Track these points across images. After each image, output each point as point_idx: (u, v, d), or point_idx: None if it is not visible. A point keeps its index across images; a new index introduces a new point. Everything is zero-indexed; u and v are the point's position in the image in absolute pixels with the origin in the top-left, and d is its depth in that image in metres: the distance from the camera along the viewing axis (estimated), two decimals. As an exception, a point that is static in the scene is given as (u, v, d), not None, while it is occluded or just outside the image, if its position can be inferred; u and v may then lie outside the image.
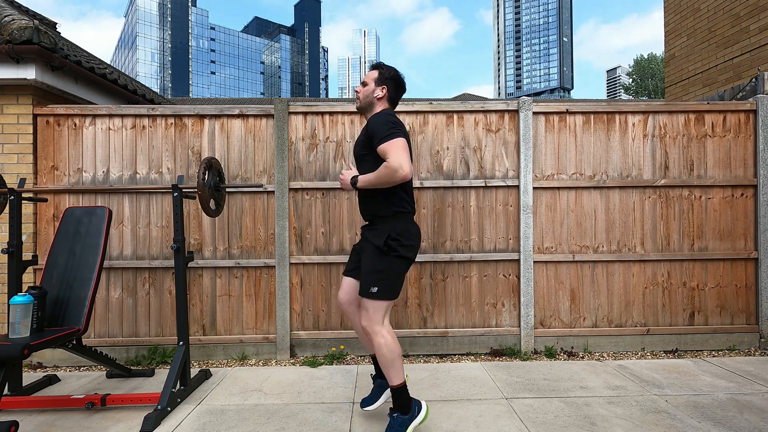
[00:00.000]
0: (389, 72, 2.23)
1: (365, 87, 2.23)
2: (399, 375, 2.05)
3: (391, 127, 2.01)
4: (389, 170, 1.95)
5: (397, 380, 2.05)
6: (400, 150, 1.96)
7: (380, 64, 2.27)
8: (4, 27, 3.22)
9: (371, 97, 2.21)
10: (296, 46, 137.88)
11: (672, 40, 7.19)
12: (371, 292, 2.06)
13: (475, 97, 13.46)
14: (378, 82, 2.21)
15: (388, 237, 2.07)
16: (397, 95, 2.26)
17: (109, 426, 2.35)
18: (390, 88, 2.21)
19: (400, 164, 1.93)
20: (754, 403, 2.53)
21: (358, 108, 2.27)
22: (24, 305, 2.33)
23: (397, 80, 2.23)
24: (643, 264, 3.53)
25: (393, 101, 2.26)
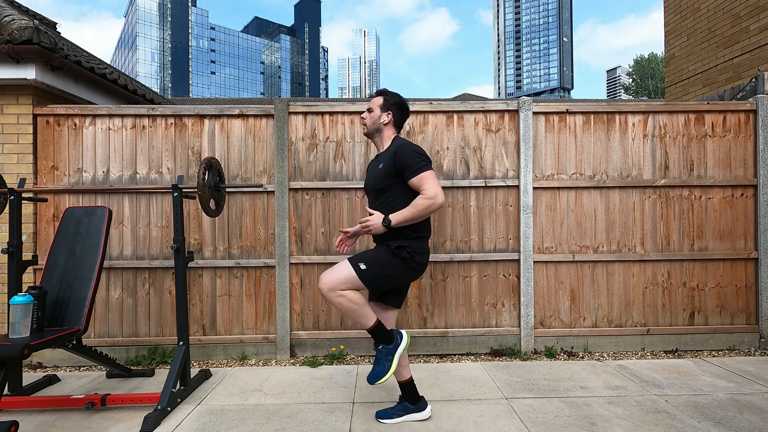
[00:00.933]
0: (393, 98, 2.35)
1: (371, 113, 2.34)
2: (371, 319, 2.13)
3: (421, 159, 2.14)
4: (427, 201, 2.08)
5: (370, 323, 2.13)
6: (433, 181, 2.11)
7: (384, 91, 2.38)
8: (4, 27, 3.22)
9: (378, 123, 2.32)
10: (296, 46, 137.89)
11: (672, 40, 7.19)
12: (359, 265, 2.11)
13: (475, 97, 13.46)
14: (383, 108, 2.32)
15: (401, 246, 2.15)
16: (402, 119, 2.39)
17: (109, 426, 2.35)
18: (395, 113, 2.34)
19: (436, 194, 2.08)
20: (754, 403, 2.53)
21: (366, 134, 2.38)
22: (24, 305, 2.33)
23: (401, 105, 2.36)
24: (643, 264, 3.53)
25: (398, 125, 2.38)
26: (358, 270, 2.10)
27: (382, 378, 2.13)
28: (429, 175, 2.11)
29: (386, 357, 2.17)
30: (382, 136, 2.33)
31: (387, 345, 2.18)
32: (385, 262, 2.14)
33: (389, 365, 2.15)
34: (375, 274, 2.12)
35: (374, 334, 2.17)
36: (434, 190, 2.08)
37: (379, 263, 2.13)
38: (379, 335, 2.17)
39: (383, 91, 2.38)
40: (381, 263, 2.13)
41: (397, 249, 2.14)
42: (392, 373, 2.16)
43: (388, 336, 2.19)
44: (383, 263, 2.14)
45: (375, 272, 2.12)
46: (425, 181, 2.10)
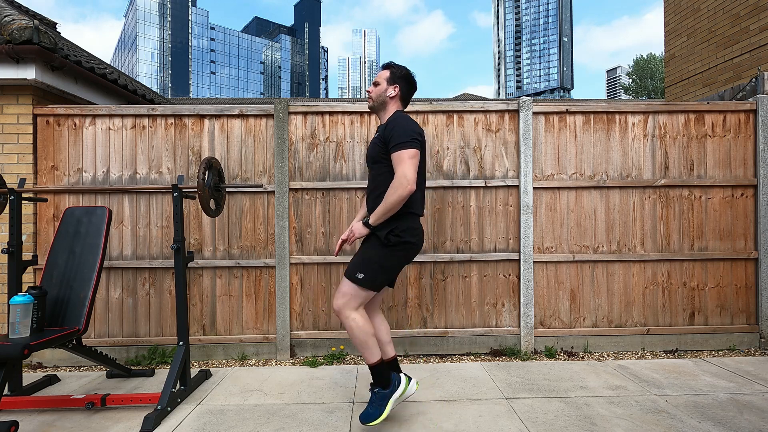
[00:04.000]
0: (401, 71, 2.27)
1: (377, 87, 2.26)
2: (374, 353, 2.10)
3: (407, 136, 2.05)
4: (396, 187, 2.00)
5: (373, 358, 2.11)
6: (407, 163, 2.01)
7: (391, 64, 2.30)
8: (4, 27, 3.22)
9: (384, 96, 2.24)
10: (296, 46, 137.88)
11: (672, 40, 7.19)
12: (356, 276, 2.09)
13: (474, 97, 13.46)
14: (390, 81, 2.25)
15: (390, 231, 2.09)
16: (408, 94, 2.31)
17: (109, 426, 2.35)
18: (402, 86, 2.26)
19: (404, 179, 1.99)
20: (754, 403, 2.53)
21: (371, 107, 2.30)
22: (24, 305, 2.33)
23: (408, 79, 2.28)
24: (643, 264, 3.53)
25: (405, 100, 2.30)
26: (357, 281, 2.08)
27: (374, 421, 2.06)
28: (406, 155, 2.01)
29: (380, 401, 2.10)
30: (386, 110, 2.25)
31: (383, 389, 2.12)
32: (378, 257, 2.11)
33: (381, 411, 2.08)
34: (374, 276, 2.10)
35: (374, 371, 2.13)
36: (404, 175, 1.98)
37: (372, 261, 2.11)
38: (378, 375, 2.12)
39: (390, 64, 2.30)
40: (374, 261, 2.11)
41: (386, 238, 2.08)
42: (385, 417, 2.08)
43: (386, 379, 2.13)
44: (376, 260, 2.11)
45: (373, 274, 2.10)
46: (400, 162, 2.02)
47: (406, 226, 2.12)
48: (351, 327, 2.08)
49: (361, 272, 2.09)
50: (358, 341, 2.09)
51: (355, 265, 2.13)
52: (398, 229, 2.10)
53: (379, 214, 2.07)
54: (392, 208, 2.03)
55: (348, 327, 2.09)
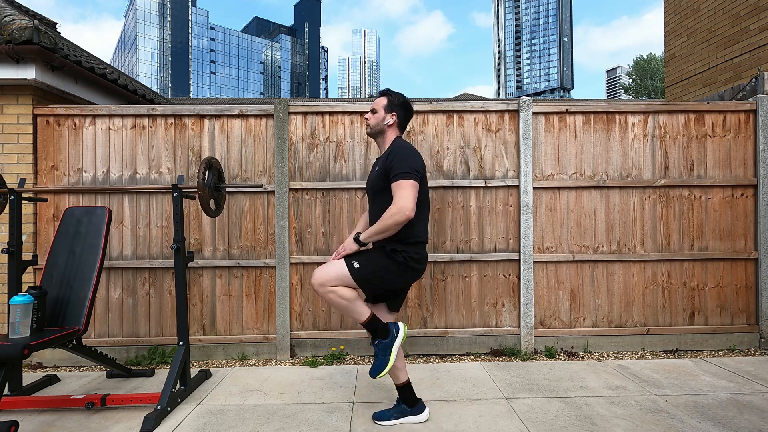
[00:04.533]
0: (398, 99, 2.31)
1: (375, 114, 2.29)
2: (363, 313, 2.14)
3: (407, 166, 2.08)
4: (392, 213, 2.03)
5: (364, 316, 2.14)
6: (407, 192, 2.04)
7: (388, 91, 2.34)
8: (4, 27, 3.22)
9: (382, 124, 2.28)
10: (296, 46, 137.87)
11: (672, 40, 7.19)
12: (352, 263, 2.10)
13: (474, 97, 13.47)
14: (387, 108, 2.29)
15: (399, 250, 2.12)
16: (406, 120, 2.36)
17: (109, 426, 2.35)
18: (399, 114, 2.30)
19: (403, 207, 2.02)
20: (754, 403, 2.53)
21: (369, 134, 2.35)
22: (24, 305, 2.33)
23: (405, 106, 2.32)
24: (643, 264, 3.52)
25: (402, 126, 2.35)
26: (351, 267, 2.10)
27: (383, 371, 2.14)
28: (406, 185, 2.05)
29: (384, 351, 2.18)
30: (384, 138, 2.30)
31: (383, 339, 2.19)
32: (380, 263, 2.12)
33: (388, 358, 2.16)
34: (367, 273, 2.10)
35: (369, 327, 2.18)
36: (402, 202, 2.02)
37: (373, 263, 2.12)
38: (374, 329, 2.18)
39: (387, 92, 2.33)
40: (375, 263, 2.12)
41: (391, 252, 2.12)
42: (392, 365, 2.17)
43: (383, 330, 2.19)
44: (377, 264, 2.12)
45: (367, 271, 2.10)
46: (399, 190, 2.06)
47: (414, 252, 2.16)
48: (331, 299, 2.11)
49: (358, 263, 2.10)
50: (344, 308, 2.11)
51: (355, 256, 2.15)
52: (406, 253, 2.13)
53: (371, 234, 2.09)
54: (386, 230, 2.06)
55: (329, 300, 2.12)
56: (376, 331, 2.19)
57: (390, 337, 2.20)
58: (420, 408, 2.35)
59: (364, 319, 2.15)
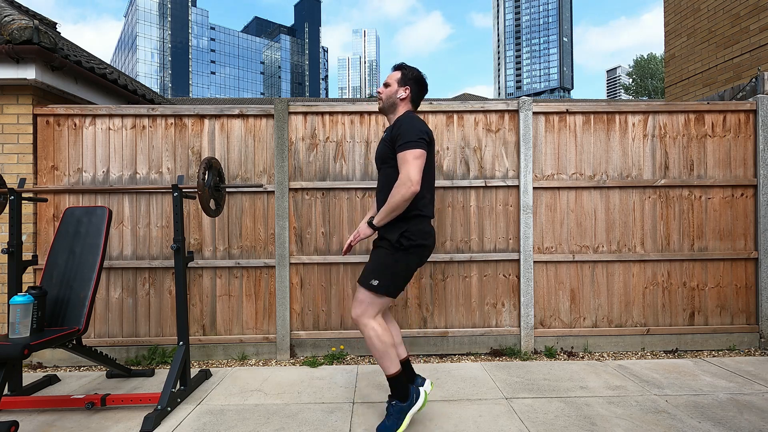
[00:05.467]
0: (412, 73, 2.22)
1: (388, 88, 2.21)
2: (393, 364, 2.06)
3: (415, 135, 2.00)
4: (399, 188, 1.96)
5: (392, 369, 2.06)
6: (413, 164, 1.97)
7: (402, 65, 2.25)
8: (4, 27, 3.22)
9: (394, 97, 2.19)
10: (296, 46, 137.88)
11: (672, 40, 7.19)
12: (371, 283, 2.04)
13: (474, 97, 13.47)
14: (401, 82, 2.20)
15: (401, 235, 2.05)
16: (419, 96, 2.25)
17: (109, 426, 2.35)
18: (413, 88, 2.21)
19: (409, 179, 1.94)
20: (754, 403, 2.53)
21: (380, 109, 2.26)
22: (24, 305, 2.33)
23: (419, 81, 2.23)
24: (643, 264, 3.53)
25: (415, 102, 2.25)
26: (372, 287, 2.04)
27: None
28: (412, 155, 1.97)
29: (398, 415, 2.07)
30: (396, 112, 2.20)
31: (401, 402, 2.09)
32: (391, 262, 2.06)
33: (399, 424, 2.06)
34: (388, 282, 2.05)
35: (393, 383, 2.08)
36: (408, 175, 1.94)
37: (385, 267, 2.06)
38: (397, 387, 2.08)
39: (402, 65, 2.24)
40: (387, 266, 2.06)
41: (397, 242, 2.05)
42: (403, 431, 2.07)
43: (404, 391, 2.09)
44: (390, 265, 2.06)
45: (387, 280, 2.05)
46: (404, 162, 1.98)
47: (416, 229, 2.08)
48: (370, 336, 2.03)
49: (375, 279, 2.04)
50: (377, 351, 2.04)
51: (368, 272, 2.09)
52: (409, 231, 2.06)
53: (383, 215, 2.04)
54: (396, 208, 2.00)
55: (367, 336, 2.04)
56: (397, 390, 2.09)
57: (408, 402, 2.09)
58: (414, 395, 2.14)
59: (392, 372, 2.06)
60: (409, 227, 2.07)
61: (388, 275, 2.06)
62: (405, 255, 2.07)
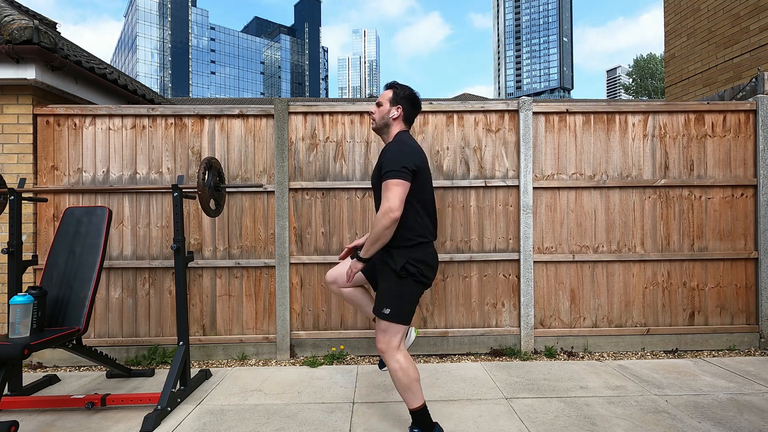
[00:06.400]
0: (404, 91, 2.20)
1: (380, 108, 2.20)
2: (417, 398, 2.02)
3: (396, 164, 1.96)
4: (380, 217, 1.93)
5: (416, 403, 2.03)
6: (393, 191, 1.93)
7: (394, 84, 2.25)
8: (4, 27, 3.22)
9: (387, 117, 2.17)
10: (296, 46, 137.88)
11: (672, 40, 7.19)
12: (383, 312, 2.01)
13: (474, 97, 13.47)
14: (393, 102, 2.18)
15: (406, 262, 2.02)
16: (412, 114, 2.23)
17: (109, 426, 2.35)
18: (405, 107, 2.19)
19: (388, 208, 1.91)
20: (754, 403, 2.53)
21: (374, 129, 2.24)
22: (24, 305, 2.33)
23: (412, 99, 2.21)
24: (643, 264, 3.52)
25: (409, 120, 2.23)
26: (385, 316, 2.01)
27: None
28: (391, 184, 1.94)
29: None
30: (390, 132, 2.19)
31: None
32: (400, 291, 2.02)
33: None
34: (398, 309, 2.01)
35: (415, 416, 2.05)
36: (387, 204, 1.92)
37: (394, 295, 2.02)
38: (420, 422, 2.05)
39: (393, 84, 2.23)
40: (395, 293, 2.03)
41: (402, 270, 2.01)
42: None
43: (428, 425, 2.06)
44: (399, 293, 2.02)
45: (397, 307, 2.01)
46: (385, 191, 1.96)
47: (421, 255, 2.05)
48: (394, 369, 2.01)
49: (386, 307, 2.02)
50: (401, 384, 2.00)
51: (379, 301, 2.06)
52: (414, 259, 2.02)
53: (368, 246, 2.00)
54: (379, 237, 1.96)
55: (391, 369, 2.02)
56: (420, 423, 2.05)
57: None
58: None
59: (416, 405, 2.02)
60: (413, 255, 2.04)
61: (397, 302, 2.02)
62: (410, 281, 2.04)
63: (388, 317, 2.01)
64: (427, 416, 2.05)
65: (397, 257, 2.03)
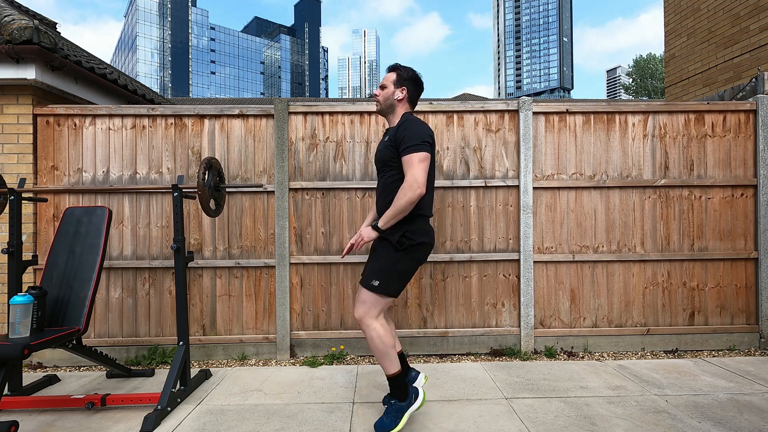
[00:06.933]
0: (407, 73, 2.25)
1: (384, 90, 2.24)
2: (393, 365, 2.10)
3: (419, 139, 2.04)
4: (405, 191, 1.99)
5: (393, 369, 2.10)
6: (418, 167, 2.00)
7: (397, 66, 2.28)
8: (4, 27, 3.22)
9: (392, 99, 2.23)
10: (296, 46, 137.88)
11: (672, 40, 7.19)
12: (372, 284, 2.08)
13: (474, 97, 13.47)
14: (397, 83, 2.23)
15: (402, 235, 2.08)
16: (416, 95, 2.28)
17: (109, 426, 2.35)
18: (409, 88, 2.24)
19: (415, 182, 1.98)
20: (754, 403, 2.53)
21: (379, 111, 2.29)
22: (24, 305, 2.33)
23: (415, 80, 2.26)
24: (643, 264, 3.52)
25: (413, 101, 2.28)
26: (374, 288, 2.07)
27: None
28: (417, 158, 2.01)
29: (396, 414, 2.11)
30: (395, 113, 2.24)
31: (399, 401, 2.13)
32: (392, 262, 2.09)
33: (396, 423, 2.09)
34: (389, 282, 2.08)
35: (392, 383, 2.13)
36: (414, 178, 1.98)
37: (386, 267, 2.09)
38: (397, 387, 2.13)
39: (396, 66, 2.27)
40: (388, 267, 2.09)
41: (399, 242, 2.08)
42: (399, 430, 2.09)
43: (403, 391, 2.13)
44: (390, 265, 2.09)
45: (388, 280, 2.08)
46: (411, 165, 2.01)
47: (416, 228, 2.11)
48: (372, 337, 2.07)
49: (376, 279, 2.08)
50: (378, 352, 2.08)
51: (369, 272, 2.12)
52: (410, 231, 2.09)
53: (388, 218, 2.06)
54: (402, 211, 2.03)
55: (369, 337, 2.09)
56: (396, 389, 2.13)
57: (407, 402, 2.13)
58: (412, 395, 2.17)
59: (392, 372, 2.10)
60: (411, 227, 2.10)
61: (389, 276, 2.09)
62: (406, 255, 2.11)
63: (376, 289, 2.07)
64: (403, 382, 2.14)
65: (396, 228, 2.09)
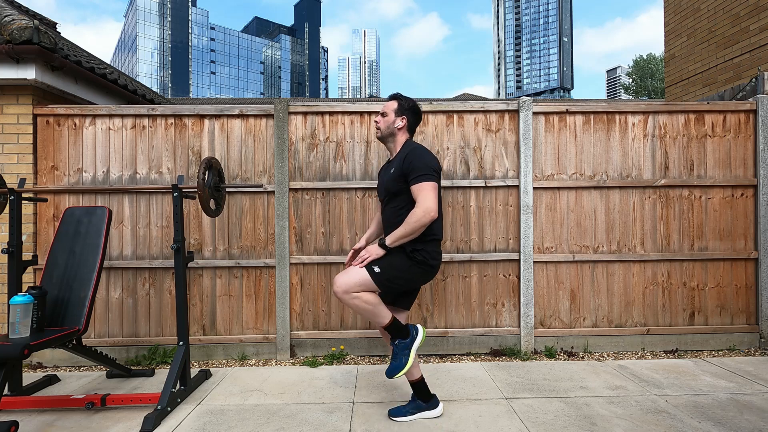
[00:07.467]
0: (408, 103, 2.37)
1: (385, 117, 2.35)
2: (386, 316, 2.18)
3: (427, 168, 2.15)
4: (419, 215, 2.07)
5: (386, 320, 2.18)
6: (431, 194, 2.11)
7: (398, 95, 2.40)
8: (4, 27, 3.22)
9: (392, 127, 2.34)
10: (296, 46, 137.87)
11: (672, 40, 7.19)
12: (372, 268, 2.13)
13: (474, 97, 13.47)
14: (398, 112, 2.35)
15: (416, 249, 2.16)
16: (415, 124, 2.42)
17: (109, 426, 2.35)
18: (409, 118, 2.36)
19: (428, 208, 2.08)
20: (754, 403, 2.53)
21: (380, 137, 2.41)
22: (24, 305, 2.33)
23: (415, 111, 2.39)
24: (643, 264, 3.52)
25: (411, 129, 2.41)
26: (372, 272, 2.12)
27: (400, 372, 2.16)
28: (428, 186, 2.12)
29: (403, 351, 2.20)
30: (395, 141, 2.36)
31: (403, 339, 2.22)
32: (400, 265, 2.16)
33: (406, 359, 2.19)
34: (389, 277, 2.14)
35: (390, 330, 2.20)
36: (427, 204, 2.08)
37: (394, 266, 2.15)
38: (396, 331, 2.21)
39: (397, 96, 2.40)
40: (395, 266, 2.15)
41: (412, 252, 2.16)
42: (410, 366, 2.18)
43: (403, 331, 2.23)
44: (398, 266, 2.15)
45: (389, 275, 2.14)
46: (422, 192, 2.11)
47: (431, 249, 2.21)
48: (356, 305, 2.13)
49: (379, 267, 2.13)
50: (368, 313, 2.14)
51: (373, 262, 2.16)
52: (425, 251, 2.18)
53: (397, 237, 2.12)
54: (413, 232, 2.10)
55: (354, 306, 2.14)
56: (396, 332, 2.21)
57: (410, 338, 2.23)
58: (434, 403, 2.39)
59: (386, 322, 2.18)
60: (426, 247, 2.19)
61: (393, 272, 2.14)
62: (415, 266, 2.18)
63: (375, 274, 2.12)
64: (399, 325, 2.22)
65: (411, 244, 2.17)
